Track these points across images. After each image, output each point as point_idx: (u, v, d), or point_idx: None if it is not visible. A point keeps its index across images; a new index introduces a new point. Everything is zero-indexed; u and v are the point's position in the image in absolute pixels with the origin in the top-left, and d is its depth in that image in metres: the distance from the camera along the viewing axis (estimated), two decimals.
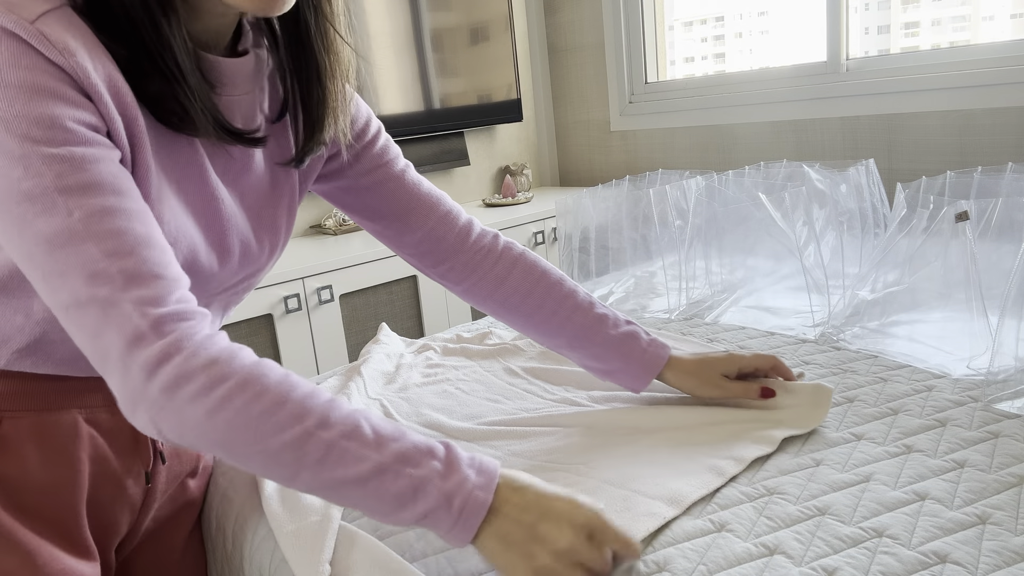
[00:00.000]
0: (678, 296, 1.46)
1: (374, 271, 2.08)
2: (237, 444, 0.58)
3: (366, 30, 2.38)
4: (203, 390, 0.56)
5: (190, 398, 0.56)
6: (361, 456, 0.60)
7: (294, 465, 0.59)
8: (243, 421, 0.57)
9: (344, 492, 0.60)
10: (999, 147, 1.88)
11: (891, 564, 0.65)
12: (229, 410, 0.57)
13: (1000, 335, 0.98)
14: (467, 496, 0.61)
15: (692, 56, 2.82)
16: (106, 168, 0.58)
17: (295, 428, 0.58)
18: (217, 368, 0.57)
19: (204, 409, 0.56)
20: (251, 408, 0.57)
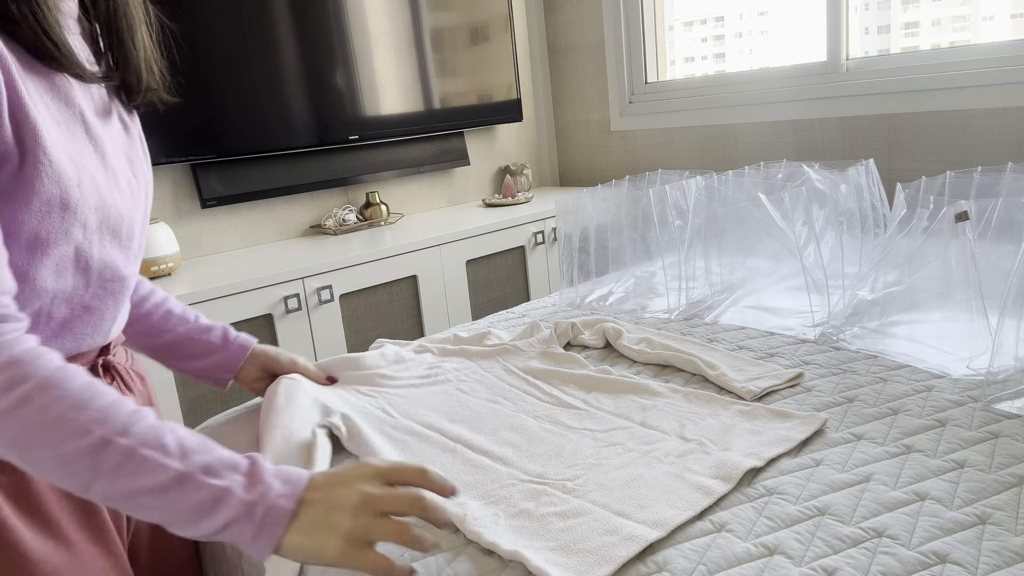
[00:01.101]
0: (678, 296, 1.46)
1: (374, 271, 2.08)
2: (30, 447, 0.56)
3: (366, 30, 2.38)
4: (1, 389, 0.56)
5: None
6: (160, 466, 0.58)
7: (89, 472, 0.57)
8: (38, 424, 0.56)
9: (141, 502, 0.58)
10: (999, 147, 1.88)
11: (891, 564, 0.65)
12: (25, 411, 0.56)
13: (1000, 335, 0.98)
14: (269, 505, 0.61)
15: (692, 56, 2.82)
16: None
17: (93, 434, 0.57)
18: (17, 368, 0.57)
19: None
20: (48, 411, 0.56)
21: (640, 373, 1.15)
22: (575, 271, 1.64)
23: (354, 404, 1.10)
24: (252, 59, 2.15)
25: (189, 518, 0.59)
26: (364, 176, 2.50)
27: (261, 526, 0.60)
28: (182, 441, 0.61)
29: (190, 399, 1.79)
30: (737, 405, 0.98)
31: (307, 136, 2.29)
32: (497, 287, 2.42)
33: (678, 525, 0.74)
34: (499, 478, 0.86)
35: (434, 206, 2.82)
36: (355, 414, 1.04)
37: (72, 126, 0.67)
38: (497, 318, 1.53)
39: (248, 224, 2.34)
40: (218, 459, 0.62)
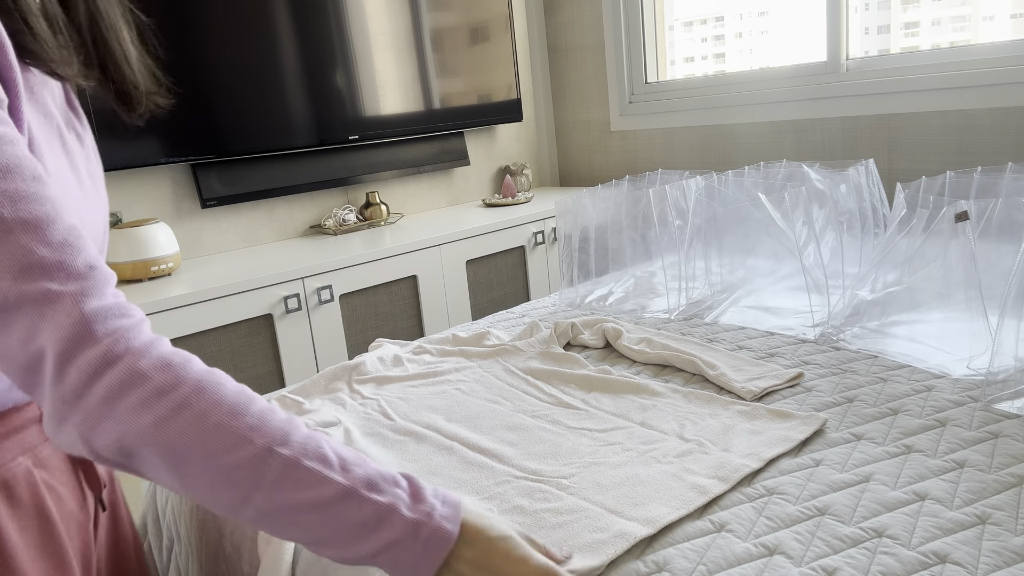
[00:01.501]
0: (678, 296, 1.46)
1: (374, 271, 2.08)
2: (187, 458, 0.51)
3: (366, 30, 2.38)
4: (153, 396, 0.50)
5: (137, 405, 0.50)
6: (324, 479, 0.54)
7: (248, 485, 0.52)
8: (197, 432, 0.51)
9: (299, 518, 0.54)
10: (999, 147, 1.88)
11: (891, 564, 0.65)
12: (182, 419, 0.50)
13: (1000, 335, 0.98)
14: (434, 527, 0.57)
15: (692, 56, 2.82)
16: (19, 151, 0.51)
17: (254, 443, 0.52)
18: (171, 372, 0.51)
19: (153, 417, 0.50)
20: (207, 417, 0.51)
21: (640, 373, 1.15)
22: (575, 271, 1.64)
23: (351, 408, 1.10)
24: (252, 59, 2.15)
25: (348, 537, 0.54)
26: (364, 176, 2.50)
27: (425, 549, 0.56)
28: (339, 453, 0.56)
29: None
30: (737, 405, 0.98)
31: (307, 136, 2.29)
32: (497, 287, 2.42)
33: (670, 523, 0.74)
34: (495, 475, 0.86)
35: (434, 206, 2.82)
36: (351, 422, 1.04)
37: (52, 140, 0.62)
38: (497, 318, 1.53)
39: (248, 224, 2.34)
40: (379, 473, 0.57)
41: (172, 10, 2.00)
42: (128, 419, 0.49)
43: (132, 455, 0.51)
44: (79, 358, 0.49)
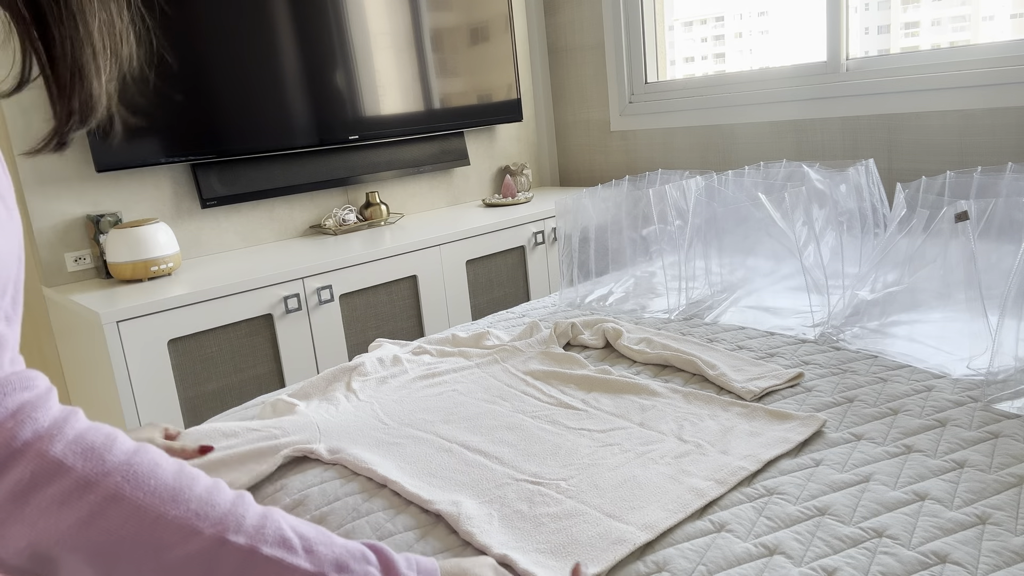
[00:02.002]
0: (678, 296, 1.46)
1: (374, 271, 2.08)
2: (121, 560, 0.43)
3: (366, 30, 2.38)
4: (75, 490, 0.42)
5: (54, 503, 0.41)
6: (287, 567, 0.47)
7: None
8: (133, 529, 0.43)
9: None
10: (999, 147, 1.87)
11: (891, 564, 0.65)
12: (113, 515, 0.42)
13: (1000, 335, 0.98)
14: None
15: (692, 56, 2.82)
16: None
17: (203, 534, 0.45)
18: (93, 457, 0.43)
19: (76, 516, 0.41)
20: (144, 511, 0.43)
21: (640, 373, 1.15)
22: (575, 271, 1.64)
23: (348, 410, 1.10)
24: (252, 59, 2.15)
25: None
26: (364, 176, 2.50)
27: None
28: (300, 532, 0.50)
29: (190, 399, 1.79)
30: (737, 406, 0.98)
31: (307, 136, 2.29)
32: (497, 287, 2.42)
33: (669, 527, 0.74)
34: (494, 477, 0.86)
35: (434, 206, 2.82)
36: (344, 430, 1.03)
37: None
38: (497, 318, 1.53)
39: (248, 224, 2.34)
40: (346, 550, 0.51)
41: (172, 10, 2.00)
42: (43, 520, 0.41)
43: (49, 561, 0.42)
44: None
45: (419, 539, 0.76)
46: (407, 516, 0.80)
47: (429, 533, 0.77)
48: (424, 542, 0.75)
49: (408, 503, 0.83)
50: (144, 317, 1.68)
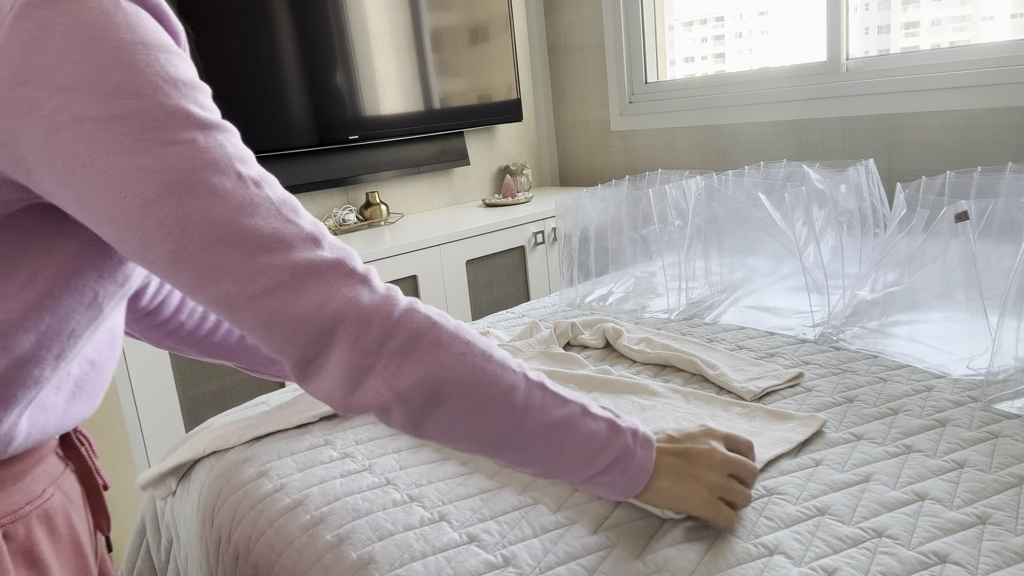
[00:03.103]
0: (678, 296, 1.46)
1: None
2: (477, 386, 0.57)
3: (366, 30, 2.38)
4: (444, 337, 0.56)
5: (432, 346, 0.55)
6: (565, 400, 0.61)
7: (521, 408, 0.58)
8: (481, 364, 0.57)
9: (558, 438, 0.60)
10: (999, 147, 1.87)
11: (891, 564, 0.65)
12: (469, 354, 0.57)
13: (1000, 335, 0.98)
14: (644, 439, 0.66)
15: (692, 56, 2.82)
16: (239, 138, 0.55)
17: (517, 372, 0.59)
18: (446, 320, 0.57)
19: (449, 354, 0.55)
20: (484, 353, 0.58)
21: (640, 373, 1.15)
22: (575, 271, 1.64)
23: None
24: (252, 59, 2.15)
25: (591, 451, 0.62)
26: (364, 176, 2.50)
27: (642, 460, 0.65)
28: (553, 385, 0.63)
29: (190, 399, 1.79)
30: (736, 406, 0.98)
31: (307, 136, 2.29)
32: (497, 287, 2.42)
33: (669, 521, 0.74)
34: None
35: (434, 206, 2.82)
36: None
37: None
38: (497, 318, 1.53)
39: None
40: (582, 396, 0.65)
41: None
42: (427, 358, 0.54)
43: (430, 393, 0.55)
44: (378, 312, 0.53)
45: (418, 539, 0.76)
46: (407, 516, 0.80)
47: (429, 533, 0.77)
48: (424, 541, 0.75)
49: (408, 500, 0.83)
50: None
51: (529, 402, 0.59)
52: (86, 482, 0.70)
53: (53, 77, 0.46)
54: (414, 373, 0.54)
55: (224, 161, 0.49)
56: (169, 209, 0.48)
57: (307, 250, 0.52)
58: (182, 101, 0.49)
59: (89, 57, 0.46)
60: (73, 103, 0.46)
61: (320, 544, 0.78)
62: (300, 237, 0.52)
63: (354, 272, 0.54)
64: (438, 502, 0.82)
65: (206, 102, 0.51)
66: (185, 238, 0.48)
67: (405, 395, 0.55)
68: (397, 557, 0.73)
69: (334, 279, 0.52)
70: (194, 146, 0.48)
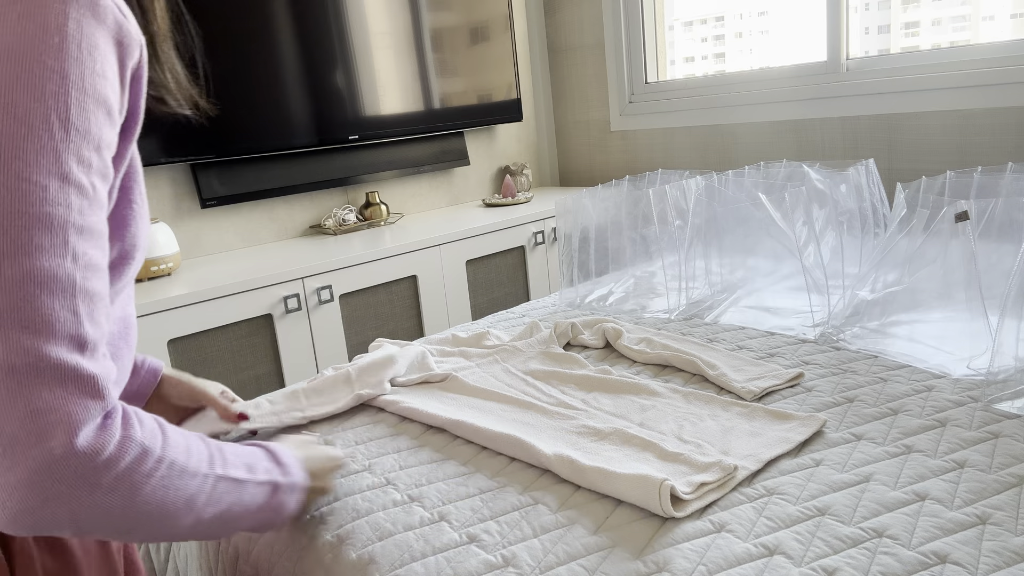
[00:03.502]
0: (678, 296, 1.46)
1: (374, 271, 2.08)
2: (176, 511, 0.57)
3: (366, 30, 2.38)
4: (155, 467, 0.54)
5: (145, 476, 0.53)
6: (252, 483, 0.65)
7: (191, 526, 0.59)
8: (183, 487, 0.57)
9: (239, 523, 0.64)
10: (999, 147, 1.87)
11: (891, 564, 0.65)
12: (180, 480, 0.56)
13: (1000, 335, 0.98)
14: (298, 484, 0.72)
15: (692, 56, 2.82)
16: (103, 217, 0.53)
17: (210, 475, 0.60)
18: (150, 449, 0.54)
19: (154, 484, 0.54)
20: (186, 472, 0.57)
21: (640, 373, 1.15)
22: (575, 271, 1.64)
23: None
24: (252, 59, 2.15)
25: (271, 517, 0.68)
26: (364, 176, 2.50)
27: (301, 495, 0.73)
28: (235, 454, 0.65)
29: None
30: (737, 406, 0.98)
31: (307, 136, 2.29)
32: (497, 287, 2.42)
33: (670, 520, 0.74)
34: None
35: (434, 206, 2.82)
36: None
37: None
38: (497, 318, 1.53)
39: (248, 224, 2.34)
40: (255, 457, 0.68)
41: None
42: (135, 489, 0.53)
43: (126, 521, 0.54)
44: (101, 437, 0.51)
45: (418, 539, 0.76)
46: (407, 516, 0.80)
47: (429, 533, 0.77)
48: (424, 541, 0.75)
49: (408, 500, 0.83)
50: (144, 317, 1.68)
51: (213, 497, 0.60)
52: None
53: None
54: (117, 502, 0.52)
55: (59, 223, 0.48)
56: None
57: (67, 349, 0.48)
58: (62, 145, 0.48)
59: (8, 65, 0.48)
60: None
61: (320, 544, 0.78)
62: (71, 334, 0.48)
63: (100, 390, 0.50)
64: (438, 502, 0.82)
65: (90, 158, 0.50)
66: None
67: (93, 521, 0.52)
68: (397, 557, 0.73)
69: (75, 390, 0.48)
70: (41, 192, 0.47)
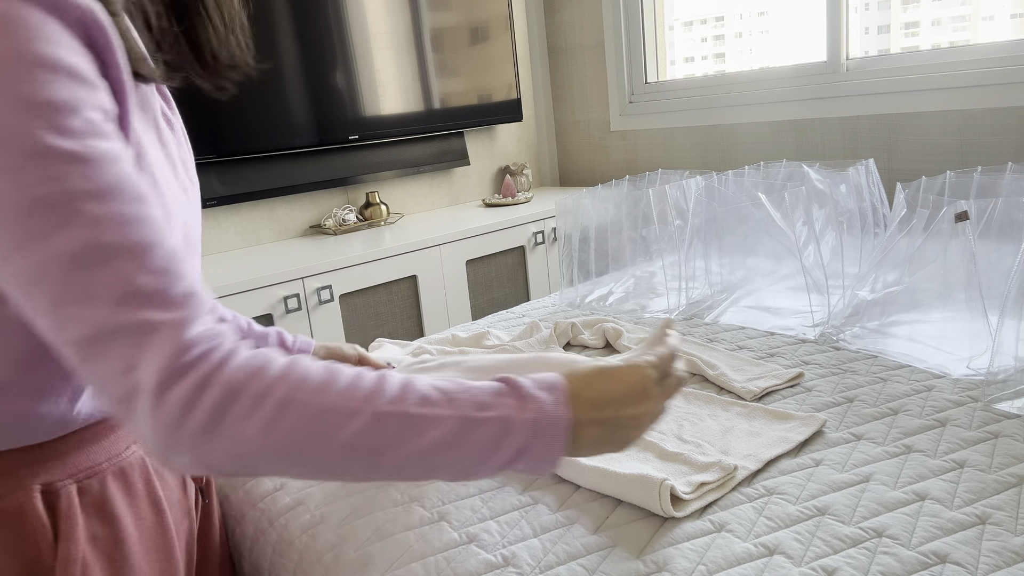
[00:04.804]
0: (678, 296, 1.46)
1: (374, 271, 2.08)
2: (304, 450, 0.51)
3: (366, 30, 2.38)
4: (253, 403, 0.50)
5: (240, 417, 0.50)
6: (437, 418, 0.55)
7: (372, 452, 0.53)
8: (305, 424, 0.51)
9: (432, 461, 0.55)
10: (999, 147, 1.87)
11: (891, 564, 0.65)
12: (288, 417, 0.51)
13: (1000, 335, 0.98)
14: (550, 418, 0.59)
15: (692, 56, 2.82)
16: (126, 168, 0.50)
17: (364, 412, 0.53)
18: (260, 376, 0.51)
19: (260, 424, 0.50)
20: (309, 407, 0.52)
21: None
22: (575, 271, 1.64)
23: None
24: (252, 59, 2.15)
25: (480, 459, 0.57)
26: (364, 176, 2.50)
27: (549, 440, 0.59)
28: (438, 387, 0.58)
29: None
30: (736, 406, 0.98)
31: (307, 136, 2.29)
32: (497, 287, 2.42)
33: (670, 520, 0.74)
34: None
35: (434, 206, 2.82)
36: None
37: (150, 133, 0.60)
38: (497, 318, 1.53)
39: (248, 224, 2.34)
40: (480, 390, 0.59)
41: None
42: (236, 433, 0.50)
43: (250, 465, 0.51)
44: (176, 387, 0.48)
45: (418, 539, 0.76)
46: (407, 516, 0.80)
47: (429, 533, 0.77)
48: (424, 541, 0.75)
49: (408, 500, 0.83)
50: None
51: (382, 441, 0.53)
52: None
53: None
54: (224, 449, 0.50)
55: (57, 197, 0.46)
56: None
57: (126, 308, 0.48)
58: (28, 123, 0.46)
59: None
60: None
61: (320, 544, 0.78)
62: (123, 292, 0.48)
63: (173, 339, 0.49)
64: (438, 502, 0.82)
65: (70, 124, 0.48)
66: (4, 270, 0.48)
67: (218, 467, 0.51)
68: (397, 557, 0.73)
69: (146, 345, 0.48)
70: (23, 176, 0.46)
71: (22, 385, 0.58)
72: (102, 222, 0.47)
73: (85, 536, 0.62)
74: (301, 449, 0.51)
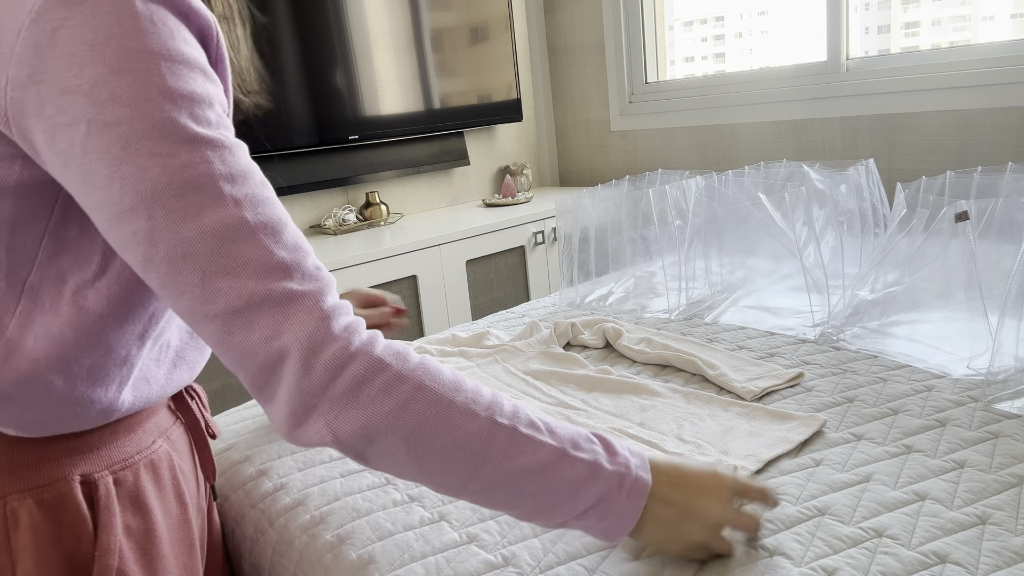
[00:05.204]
0: (678, 296, 1.46)
1: (374, 271, 2.08)
2: (426, 436, 0.54)
3: (366, 30, 2.38)
4: (393, 382, 0.53)
5: (380, 392, 0.53)
6: (540, 443, 0.58)
7: (479, 456, 0.56)
8: (434, 411, 0.54)
9: (522, 484, 0.57)
10: (999, 147, 1.87)
11: (891, 564, 0.65)
12: (420, 401, 0.54)
13: (1000, 335, 0.98)
14: (635, 478, 0.61)
15: (692, 56, 2.82)
16: (248, 155, 0.55)
17: (480, 416, 0.56)
18: (403, 360, 0.55)
19: (395, 401, 0.53)
20: (440, 398, 0.55)
21: (640, 373, 1.15)
22: (575, 271, 1.64)
23: None
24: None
25: (562, 498, 0.58)
26: (364, 176, 2.50)
27: (629, 499, 0.60)
28: (542, 418, 0.60)
29: None
30: (736, 406, 0.98)
31: (307, 136, 2.29)
32: (497, 287, 2.42)
33: None
34: None
35: (434, 206, 2.82)
36: None
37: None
38: (497, 318, 1.53)
39: None
40: (577, 433, 0.61)
41: None
42: (372, 405, 0.53)
43: (374, 440, 0.54)
44: (324, 353, 0.51)
45: (418, 539, 0.76)
46: (407, 516, 0.80)
47: (429, 533, 0.77)
48: (424, 541, 0.75)
49: (408, 500, 0.83)
50: None
51: (490, 449, 0.56)
52: (194, 433, 0.76)
53: (60, 79, 0.48)
54: (356, 419, 0.53)
55: (204, 179, 0.50)
56: (141, 220, 0.49)
57: (270, 279, 0.51)
58: (174, 113, 0.49)
59: (92, 62, 0.48)
60: (73, 106, 0.48)
61: (320, 544, 0.78)
62: (267, 265, 0.51)
63: (316, 308, 0.52)
64: (438, 502, 0.82)
65: (207, 115, 0.51)
66: (152, 250, 0.50)
67: (346, 440, 0.54)
68: (397, 557, 0.73)
69: (291, 313, 0.51)
70: (174, 160, 0.49)
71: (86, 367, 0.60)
72: (242, 202, 0.51)
73: (122, 528, 0.64)
74: (421, 433, 0.54)
